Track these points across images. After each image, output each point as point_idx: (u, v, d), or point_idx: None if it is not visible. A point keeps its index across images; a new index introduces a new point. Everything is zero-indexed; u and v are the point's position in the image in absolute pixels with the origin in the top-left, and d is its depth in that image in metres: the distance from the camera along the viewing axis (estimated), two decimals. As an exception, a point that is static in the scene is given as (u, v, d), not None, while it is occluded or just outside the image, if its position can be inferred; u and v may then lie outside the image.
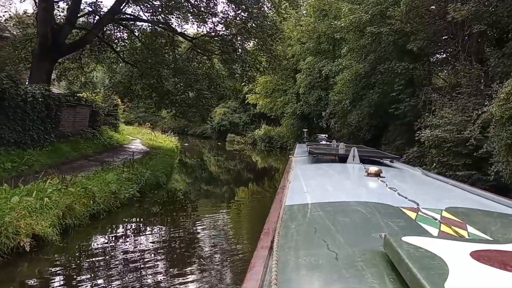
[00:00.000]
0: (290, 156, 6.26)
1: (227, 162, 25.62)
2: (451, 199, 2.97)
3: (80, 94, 17.04)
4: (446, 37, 15.58)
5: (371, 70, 18.41)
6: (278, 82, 30.59)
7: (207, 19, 16.92)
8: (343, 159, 5.11)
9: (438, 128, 12.01)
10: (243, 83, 21.68)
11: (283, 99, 30.77)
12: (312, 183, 3.73)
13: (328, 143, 9.20)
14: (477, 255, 1.36)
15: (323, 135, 12.00)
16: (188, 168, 20.12)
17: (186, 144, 32.99)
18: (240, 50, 17.86)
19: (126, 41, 17.04)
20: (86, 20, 16.39)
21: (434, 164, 12.50)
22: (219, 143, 37.81)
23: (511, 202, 2.92)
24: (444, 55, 17.49)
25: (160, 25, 16.25)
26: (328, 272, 1.49)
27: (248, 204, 12.65)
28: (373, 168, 3.74)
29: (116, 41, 16.74)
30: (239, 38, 17.18)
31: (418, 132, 13.07)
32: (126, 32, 16.84)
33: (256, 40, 16.69)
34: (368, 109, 18.50)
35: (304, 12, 28.94)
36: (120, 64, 18.09)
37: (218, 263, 6.58)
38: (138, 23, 16.86)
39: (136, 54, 16.39)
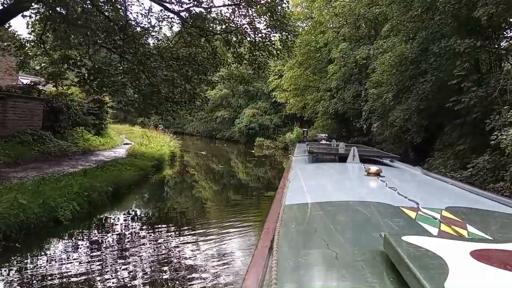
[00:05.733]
0: (290, 155, 6.10)
1: (248, 170, 21.68)
2: (451, 199, 3.01)
3: (40, 86, 13.76)
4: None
5: (421, 52, 14.10)
6: (310, 77, 26.48)
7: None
8: (343, 158, 5.04)
9: (526, 128, 8.23)
10: (254, 71, 17.41)
11: (314, 96, 26.48)
12: (312, 183, 3.65)
13: (328, 142, 9.06)
14: (477, 255, 1.35)
15: (323, 135, 11.48)
16: (161, 188, 13.81)
17: (203, 152, 29.22)
18: (248, 27, 14.04)
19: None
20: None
21: (521, 181, 8.32)
22: (251, 150, 32.88)
23: (511, 202, 2.83)
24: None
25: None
26: (328, 272, 1.49)
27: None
28: (373, 168, 3.69)
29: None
30: (243, 11, 13.34)
31: (494, 134, 8.98)
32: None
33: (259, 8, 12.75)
34: (417, 103, 13.91)
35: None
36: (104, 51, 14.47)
37: None
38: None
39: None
